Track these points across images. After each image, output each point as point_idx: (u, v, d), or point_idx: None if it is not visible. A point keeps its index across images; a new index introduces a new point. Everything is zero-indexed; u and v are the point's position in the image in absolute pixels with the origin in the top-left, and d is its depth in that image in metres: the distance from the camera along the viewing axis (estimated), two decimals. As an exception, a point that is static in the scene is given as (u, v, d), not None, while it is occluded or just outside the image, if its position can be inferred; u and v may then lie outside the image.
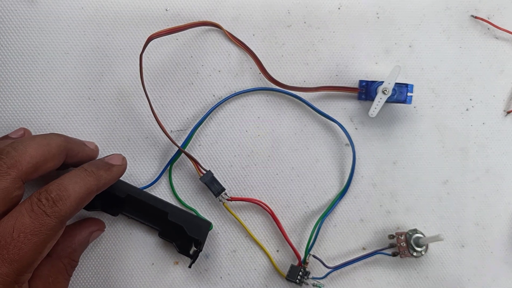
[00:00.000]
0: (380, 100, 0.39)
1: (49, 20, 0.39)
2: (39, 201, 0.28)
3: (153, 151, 0.40)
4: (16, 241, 0.26)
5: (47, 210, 0.28)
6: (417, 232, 0.39)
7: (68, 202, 0.29)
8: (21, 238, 0.27)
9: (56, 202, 0.28)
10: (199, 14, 0.40)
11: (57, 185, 0.29)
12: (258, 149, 0.41)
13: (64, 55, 0.39)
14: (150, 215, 0.38)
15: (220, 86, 0.41)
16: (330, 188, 0.41)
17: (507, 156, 0.43)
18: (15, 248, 0.26)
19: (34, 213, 0.27)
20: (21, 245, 0.26)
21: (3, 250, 0.26)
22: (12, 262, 0.26)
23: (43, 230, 0.27)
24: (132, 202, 0.37)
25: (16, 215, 0.27)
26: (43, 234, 0.27)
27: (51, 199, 0.28)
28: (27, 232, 0.27)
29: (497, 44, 0.43)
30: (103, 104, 0.39)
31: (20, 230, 0.27)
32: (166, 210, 0.37)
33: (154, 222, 0.38)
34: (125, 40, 0.40)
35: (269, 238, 0.40)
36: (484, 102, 0.43)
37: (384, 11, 0.42)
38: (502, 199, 0.43)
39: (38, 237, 0.27)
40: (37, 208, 0.28)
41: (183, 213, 0.38)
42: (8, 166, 0.28)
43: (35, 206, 0.28)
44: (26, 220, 0.27)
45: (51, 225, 0.28)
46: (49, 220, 0.28)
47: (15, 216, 0.27)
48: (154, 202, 0.37)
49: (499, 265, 0.42)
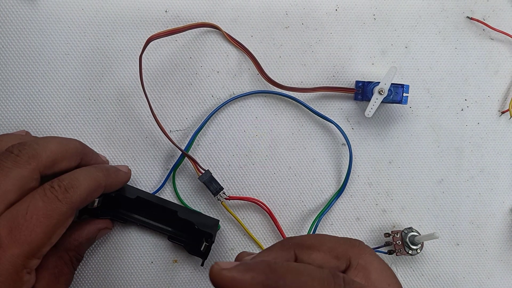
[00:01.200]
0: (376, 101, 0.39)
1: (50, 21, 0.39)
2: (51, 187, 0.29)
3: (153, 151, 0.40)
4: (28, 222, 0.27)
5: (59, 196, 0.29)
6: (413, 231, 0.40)
7: (78, 191, 0.30)
8: (34, 220, 0.27)
9: (68, 189, 0.30)
10: (198, 15, 0.41)
11: (69, 175, 0.31)
12: (256, 149, 0.41)
13: (65, 56, 0.40)
14: (160, 215, 0.38)
15: (218, 87, 0.41)
16: (327, 187, 0.42)
17: (502, 155, 0.43)
18: (27, 230, 0.27)
19: (47, 198, 0.28)
20: (33, 227, 0.27)
21: (15, 231, 0.27)
22: (23, 244, 0.27)
23: (55, 214, 0.28)
24: (141, 204, 0.38)
25: (29, 200, 0.28)
26: (55, 218, 0.28)
27: (63, 186, 0.30)
28: (39, 215, 0.28)
29: (492, 45, 0.44)
30: (103, 104, 0.40)
31: (33, 212, 0.28)
32: (175, 209, 0.38)
33: (163, 222, 0.39)
34: (125, 41, 0.40)
35: (266, 237, 0.41)
36: (479, 103, 0.43)
37: (380, 13, 0.43)
38: (496, 198, 0.43)
39: (50, 221, 0.28)
40: (49, 193, 0.29)
41: (191, 211, 0.38)
42: (29, 156, 0.29)
43: (48, 191, 0.29)
44: (39, 203, 0.28)
45: (62, 210, 0.29)
46: (61, 205, 0.29)
47: (28, 200, 0.28)
48: (163, 203, 0.38)
49: (493, 263, 0.43)
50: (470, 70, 0.43)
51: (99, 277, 0.39)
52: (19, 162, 0.29)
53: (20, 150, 0.30)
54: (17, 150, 0.30)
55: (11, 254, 0.27)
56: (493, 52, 0.44)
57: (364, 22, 0.42)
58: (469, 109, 0.43)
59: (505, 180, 0.43)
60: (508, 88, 0.44)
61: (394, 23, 0.43)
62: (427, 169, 0.43)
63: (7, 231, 0.27)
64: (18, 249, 0.27)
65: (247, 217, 0.41)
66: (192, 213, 0.38)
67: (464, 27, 0.43)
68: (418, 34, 0.43)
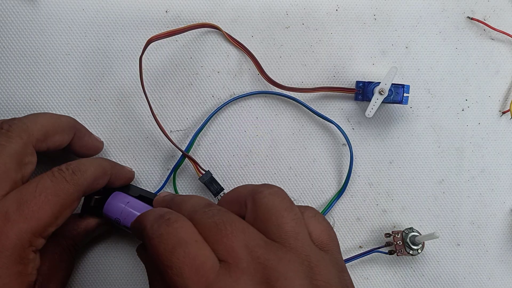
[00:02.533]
0: (377, 101, 0.39)
1: (50, 21, 0.40)
2: (59, 169, 0.30)
3: (153, 152, 0.40)
4: (37, 199, 0.28)
5: (66, 177, 0.29)
6: (413, 231, 0.40)
7: (85, 174, 0.31)
8: (42, 197, 0.28)
9: (75, 172, 0.30)
10: (198, 16, 0.41)
11: (76, 161, 0.31)
12: (257, 149, 0.41)
13: (65, 57, 0.40)
14: None
15: (219, 87, 0.41)
16: (327, 187, 0.42)
17: (503, 156, 0.43)
18: (35, 206, 0.27)
19: (55, 178, 0.29)
20: (42, 203, 0.28)
21: (23, 206, 0.27)
22: (31, 219, 0.27)
23: (62, 194, 0.29)
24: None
25: (38, 179, 0.29)
26: (62, 198, 0.29)
27: (71, 169, 0.30)
28: (48, 193, 0.28)
29: (492, 45, 0.44)
30: (104, 104, 0.40)
31: (42, 190, 0.28)
32: None
33: None
34: (126, 42, 0.40)
35: (267, 237, 0.41)
36: (479, 103, 0.43)
37: (381, 13, 0.43)
38: (497, 198, 0.43)
39: (58, 199, 0.28)
40: (57, 174, 0.29)
41: None
42: (20, 130, 0.30)
43: (56, 173, 0.29)
44: (47, 183, 0.29)
45: (70, 191, 0.29)
46: (68, 186, 0.29)
47: (37, 180, 0.29)
48: None
49: (494, 264, 0.43)
50: (470, 70, 0.43)
51: (100, 277, 0.39)
52: (10, 137, 0.29)
53: (10, 125, 0.30)
54: (7, 125, 0.30)
55: (18, 229, 0.27)
56: (493, 52, 0.44)
57: (365, 22, 0.42)
58: (469, 109, 0.43)
59: (506, 180, 0.43)
60: (508, 88, 0.43)
61: (395, 23, 0.43)
62: (428, 169, 0.43)
63: (16, 206, 0.27)
64: (26, 224, 0.27)
65: (247, 217, 0.41)
66: None
67: (465, 27, 0.43)
68: (419, 34, 0.43)
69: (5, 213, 0.27)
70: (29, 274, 0.28)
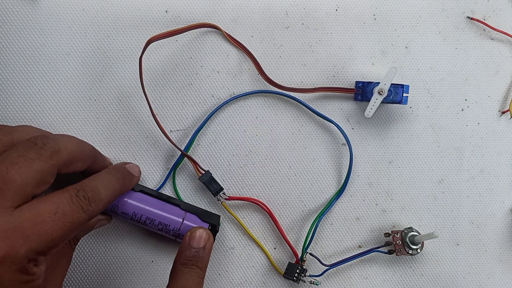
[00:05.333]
0: (376, 101, 0.39)
1: (50, 21, 0.40)
2: (77, 197, 0.30)
3: (153, 151, 0.40)
4: (55, 222, 0.28)
5: (84, 207, 0.30)
6: (413, 230, 0.40)
7: (100, 205, 0.31)
8: (60, 222, 0.28)
9: (91, 202, 0.30)
10: (198, 15, 0.41)
11: (92, 187, 0.31)
12: (256, 149, 0.41)
13: (65, 56, 0.40)
14: None
15: (219, 87, 0.41)
16: (327, 187, 0.42)
17: (502, 155, 0.43)
18: (51, 229, 0.28)
19: (74, 205, 0.29)
20: (58, 228, 0.28)
21: (39, 226, 0.27)
22: (43, 240, 0.27)
23: (77, 221, 0.29)
24: None
25: (58, 201, 0.29)
26: (75, 225, 0.29)
27: (88, 198, 0.30)
28: (65, 219, 0.28)
29: (492, 45, 0.44)
30: (104, 104, 0.40)
31: (60, 214, 0.28)
32: (177, 203, 0.38)
33: None
34: (126, 42, 0.40)
35: (266, 236, 0.41)
36: (479, 103, 0.43)
37: (380, 13, 0.43)
38: (496, 198, 0.43)
39: (72, 226, 0.29)
40: (76, 202, 0.29)
41: (193, 206, 0.39)
42: (52, 151, 0.30)
43: (75, 200, 0.30)
44: (67, 208, 0.29)
45: (83, 220, 0.30)
46: (83, 215, 0.30)
47: (57, 201, 0.29)
48: (165, 197, 0.38)
49: (493, 263, 0.43)
50: (470, 70, 0.43)
51: (100, 277, 0.40)
52: (42, 155, 0.29)
53: (44, 143, 0.30)
54: (41, 142, 0.30)
55: (29, 247, 0.27)
56: (493, 52, 0.44)
57: (364, 22, 0.42)
58: (469, 109, 0.43)
59: (505, 180, 0.43)
60: (508, 88, 0.44)
61: (394, 23, 0.43)
62: (427, 169, 0.43)
63: (32, 223, 0.27)
64: (37, 244, 0.27)
65: (247, 217, 0.41)
66: (194, 208, 0.38)
67: (465, 27, 0.43)
68: (418, 34, 0.43)
69: (19, 227, 0.27)
70: (35, 280, 0.28)
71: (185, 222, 0.37)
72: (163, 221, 0.37)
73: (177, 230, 0.37)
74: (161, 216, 0.37)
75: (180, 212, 0.37)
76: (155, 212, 0.37)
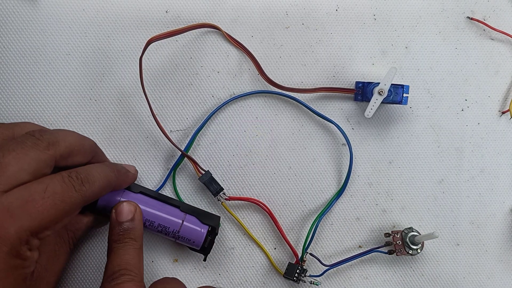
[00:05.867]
0: (376, 101, 0.39)
1: (51, 21, 0.40)
2: (69, 176, 0.30)
3: (153, 151, 0.40)
4: (45, 200, 0.28)
5: (76, 186, 0.30)
6: (413, 231, 0.40)
7: (93, 186, 0.31)
8: (50, 200, 0.28)
9: (84, 182, 0.30)
10: (198, 16, 0.41)
11: (85, 169, 0.32)
12: (256, 149, 0.41)
13: (66, 56, 0.40)
14: None
15: (219, 87, 0.41)
16: (327, 187, 0.42)
17: (502, 155, 0.43)
18: (41, 207, 0.27)
19: (65, 184, 0.29)
20: (48, 206, 0.28)
21: (29, 204, 0.27)
22: (34, 219, 0.27)
23: (69, 201, 0.29)
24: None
25: (48, 181, 0.29)
26: (68, 205, 0.29)
27: (80, 178, 0.30)
28: (56, 197, 0.28)
29: (492, 45, 0.44)
30: (104, 104, 0.40)
31: (51, 193, 0.28)
32: (177, 204, 0.38)
33: None
34: (126, 42, 0.40)
35: (267, 237, 0.41)
36: (479, 103, 0.43)
37: (380, 13, 0.43)
38: (496, 198, 0.43)
39: (63, 206, 0.29)
40: (68, 181, 0.30)
41: (193, 207, 0.39)
42: (49, 142, 0.30)
43: (66, 179, 0.30)
44: (57, 187, 0.29)
45: (76, 200, 0.29)
46: (76, 195, 0.29)
47: (47, 181, 0.29)
48: (165, 198, 0.38)
49: (493, 263, 0.43)
50: (470, 70, 0.43)
51: (100, 277, 0.39)
52: (39, 145, 0.29)
53: (42, 135, 0.30)
54: (38, 134, 0.30)
55: (20, 225, 0.27)
56: (493, 52, 0.44)
57: (364, 22, 0.43)
58: (469, 109, 0.43)
59: (505, 180, 0.43)
60: (508, 88, 0.44)
61: (394, 23, 0.43)
62: (427, 169, 0.43)
63: (22, 202, 0.27)
64: (28, 223, 0.27)
65: (247, 217, 0.41)
66: (194, 209, 0.38)
67: (465, 27, 0.43)
68: (418, 34, 0.43)
69: (8, 208, 0.27)
70: (25, 267, 0.28)
71: (185, 224, 0.37)
72: (162, 223, 0.37)
73: (176, 232, 0.37)
74: (161, 218, 0.37)
75: (180, 213, 0.37)
76: (155, 213, 0.37)
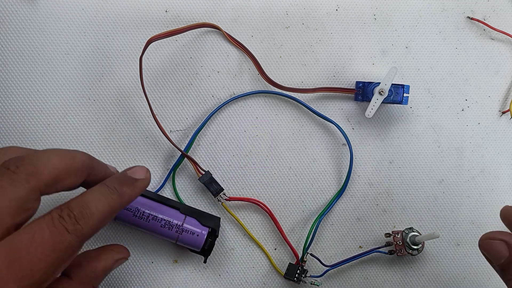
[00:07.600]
0: (377, 101, 0.39)
1: (50, 21, 0.39)
2: (60, 217, 0.26)
3: (153, 151, 0.40)
4: (32, 255, 0.24)
5: (68, 227, 0.26)
6: (413, 231, 0.40)
7: (90, 221, 0.27)
8: (38, 254, 0.24)
9: (78, 220, 0.26)
10: (198, 15, 0.41)
11: (79, 202, 0.27)
12: (256, 149, 0.41)
13: (65, 56, 0.40)
14: None
15: (219, 87, 0.41)
16: (327, 187, 0.42)
17: (502, 155, 0.43)
18: (29, 264, 0.24)
19: (55, 228, 0.25)
20: (37, 261, 0.24)
21: (15, 265, 0.24)
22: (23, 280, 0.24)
23: (62, 247, 0.25)
24: None
25: (35, 229, 0.25)
26: (62, 252, 0.25)
27: (73, 216, 0.26)
28: (45, 248, 0.25)
29: (492, 45, 0.44)
30: (103, 104, 0.40)
31: (38, 244, 0.25)
32: (177, 206, 0.38)
33: None
34: (125, 41, 0.40)
35: (267, 237, 0.41)
36: (479, 103, 0.43)
37: (381, 13, 0.43)
38: (497, 198, 0.43)
39: (56, 255, 0.25)
40: (58, 224, 0.26)
41: (193, 209, 0.38)
42: (27, 173, 0.26)
43: (56, 222, 0.26)
44: (45, 235, 0.25)
45: (71, 243, 0.26)
46: (70, 237, 0.26)
47: (34, 229, 0.25)
48: (165, 200, 0.38)
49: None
50: (470, 70, 0.43)
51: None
52: (16, 180, 0.25)
53: (18, 166, 0.26)
54: (14, 166, 0.26)
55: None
56: (493, 52, 0.44)
57: (365, 22, 0.42)
58: (469, 109, 0.43)
59: (505, 180, 0.43)
60: (508, 88, 0.44)
61: (395, 23, 0.43)
62: (428, 169, 0.43)
63: (6, 263, 0.24)
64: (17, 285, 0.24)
65: (247, 217, 0.41)
66: (194, 211, 0.38)
67: (465, 27, 0.43)
68: (419, 34, 0.43)
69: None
70: None
71: (185, 226, 0.37)
72: (162, 225, 0.36)
73: (176, 235, 0.37)
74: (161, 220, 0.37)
75: (180, 215, 0.37)
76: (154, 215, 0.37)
